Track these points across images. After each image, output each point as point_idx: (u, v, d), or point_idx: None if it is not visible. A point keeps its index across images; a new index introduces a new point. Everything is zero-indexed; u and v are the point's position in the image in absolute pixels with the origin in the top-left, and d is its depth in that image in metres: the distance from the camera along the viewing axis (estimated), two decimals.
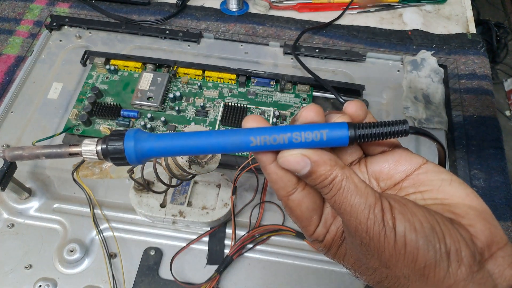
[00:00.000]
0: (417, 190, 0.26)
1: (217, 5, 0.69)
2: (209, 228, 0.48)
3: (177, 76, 0.58)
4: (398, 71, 0.62)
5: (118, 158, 0.24)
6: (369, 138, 0.24)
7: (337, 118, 0.25)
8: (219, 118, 0.54)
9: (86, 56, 0.60)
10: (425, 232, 0.22)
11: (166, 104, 0.56)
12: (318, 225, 0.26)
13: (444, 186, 0.25)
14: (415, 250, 0.22)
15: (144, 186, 0.44)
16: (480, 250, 0.23)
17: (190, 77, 0.58)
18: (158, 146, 0.24)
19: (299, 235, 0.47)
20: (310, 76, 0.58)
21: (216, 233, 0.48)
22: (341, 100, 0.54)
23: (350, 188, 0.23)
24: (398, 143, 0.27)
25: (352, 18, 0.69)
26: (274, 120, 0.55)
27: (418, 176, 0.26)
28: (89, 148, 0.24)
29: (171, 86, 0.58)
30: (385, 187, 0.27)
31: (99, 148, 0.24)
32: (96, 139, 0.24)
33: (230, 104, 0.55)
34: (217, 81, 0.58)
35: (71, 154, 0.24)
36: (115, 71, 0.58)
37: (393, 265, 0.22)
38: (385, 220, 0.22)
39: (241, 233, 0.47)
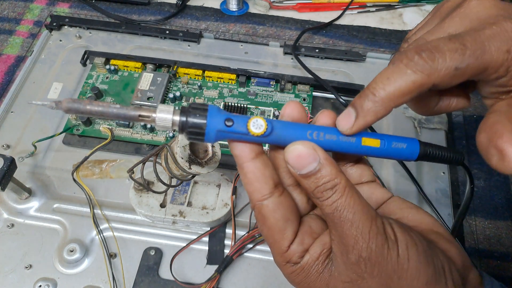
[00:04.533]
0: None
1: (217, 5, 0.69)
2: (209, 228, 0.48)
3: (177, 76, 0.58)
4: None
5: (195, 133, 0.22)
6: (431, 159, 0.26)
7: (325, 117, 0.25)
8: None
9: (86, 56, 0.60)
10: (425, 248, 0.22)
11: (166, 104, 0.56)
12: (292, 241, 0.24)
13: (413, 214, 0.26)
14: (418, 265, 0.21)
15: (144, 186, 0.44)
16: (461, 273, 0.23)
17: (190, 77, 0.58)
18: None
19: None
20: (310, 76, 0.58)
21: (216, 233, 0.48)
22: (341, 100, 0.54)
23: (354, 196, 0.22)
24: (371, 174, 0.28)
25: (352, 18, 0.69)
26: None
27: (388, 206, 0.26)
28: (165, 115, 0.22)
29: (171, 86, 0.58)
30: None
31: (176, 118, 0.22)
32: (172, 107, 0.22)
33: (230, 104, 0.55)
34: (217, 81, 0.58)
35: (142, 117, 0.22)
36: (115, 71, 0.58)
37: (395, 283, 0.21)
38: (387, 233, 0.22)
39: (241, 233, 0.47)
